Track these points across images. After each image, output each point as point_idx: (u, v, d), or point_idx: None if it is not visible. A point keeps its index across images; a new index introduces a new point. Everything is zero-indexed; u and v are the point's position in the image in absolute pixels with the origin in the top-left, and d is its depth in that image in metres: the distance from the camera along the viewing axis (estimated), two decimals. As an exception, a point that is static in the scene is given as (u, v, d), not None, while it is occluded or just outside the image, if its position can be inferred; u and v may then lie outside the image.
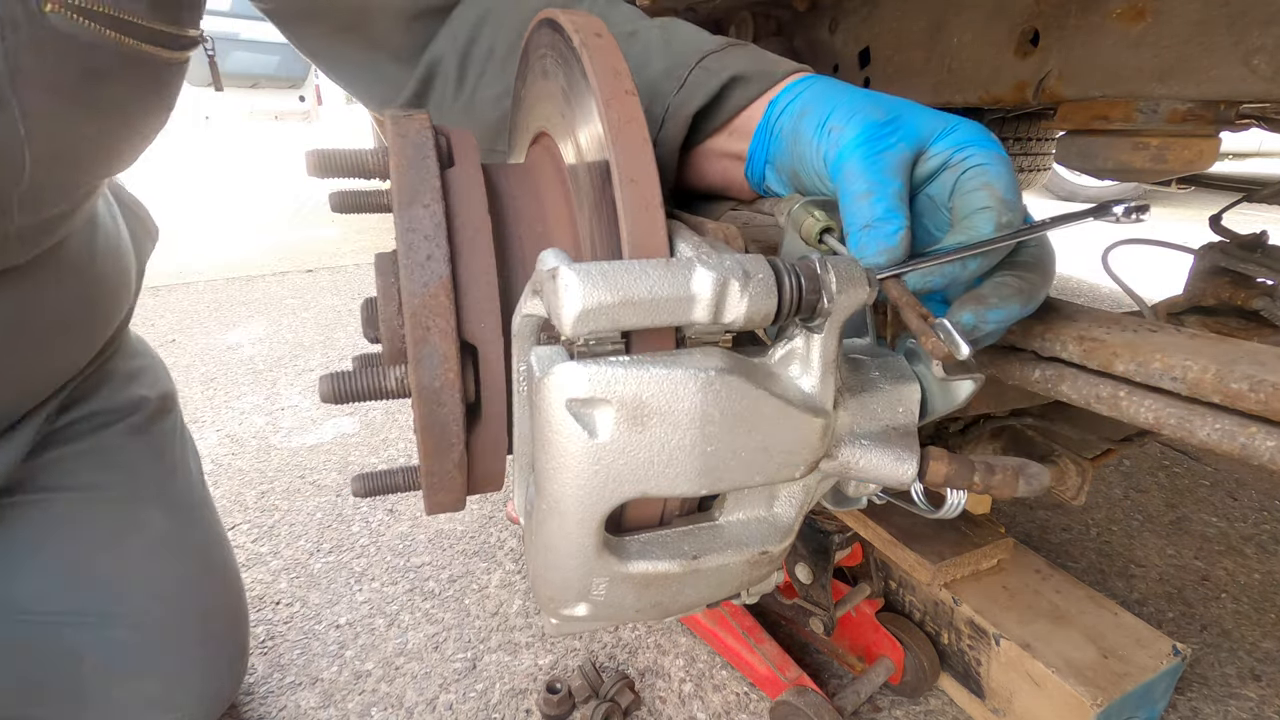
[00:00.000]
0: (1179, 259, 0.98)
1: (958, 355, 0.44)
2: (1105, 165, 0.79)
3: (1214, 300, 0.94)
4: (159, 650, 0.84)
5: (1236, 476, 1.58)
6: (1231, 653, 1.09)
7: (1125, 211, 0.34)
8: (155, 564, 0.85)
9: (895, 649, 0.95)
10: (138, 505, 0.85)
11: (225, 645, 0.91)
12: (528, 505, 0.44)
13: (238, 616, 0.94)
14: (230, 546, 0.97)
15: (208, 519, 0.94)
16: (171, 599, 0.85)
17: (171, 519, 0.88)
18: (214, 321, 2.62)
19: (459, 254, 0.47)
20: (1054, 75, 0.79)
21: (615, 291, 0.36)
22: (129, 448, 0.86)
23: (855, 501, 0.54)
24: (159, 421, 0.91)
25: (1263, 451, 0.44)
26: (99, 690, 0.80)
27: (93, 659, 0.80)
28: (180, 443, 0.94)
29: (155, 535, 0.86)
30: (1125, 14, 0.71)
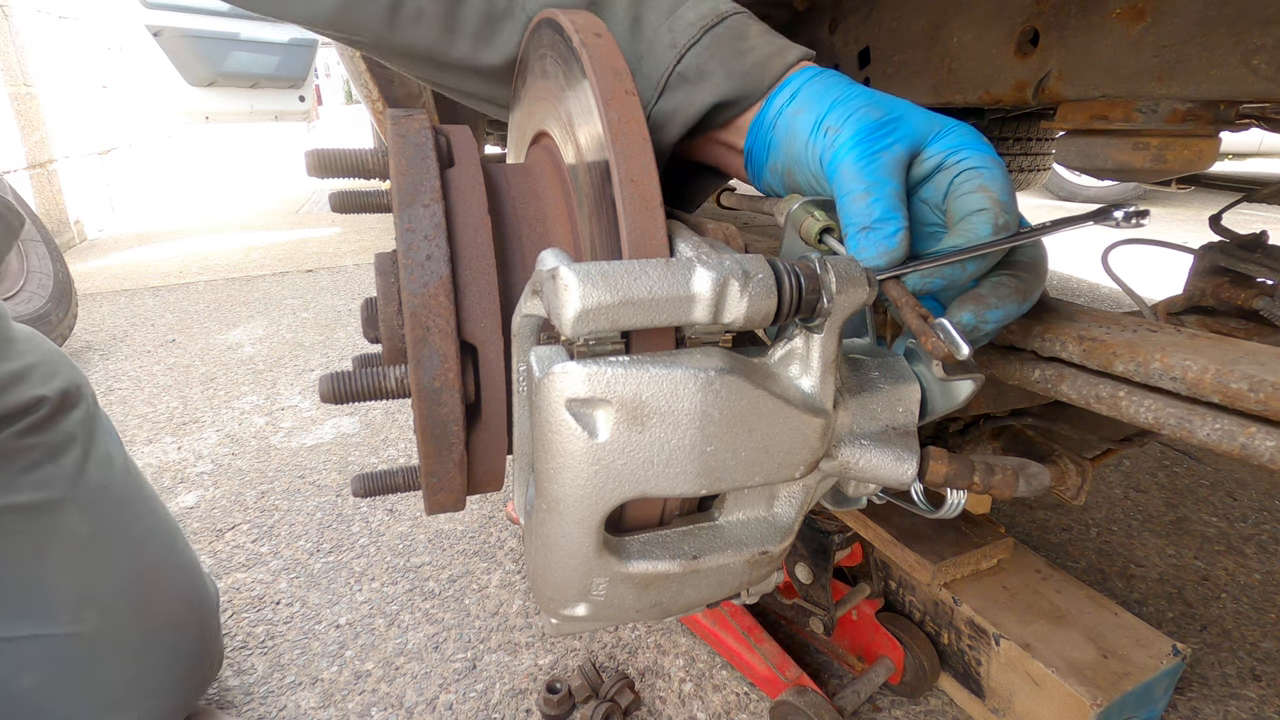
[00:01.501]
0: (1179, 259, 0.98)
1: (958, 355, 0.44)
2: (1105, 165, 0.79)
3: (1214, 300, 0.94)
4: (102, 654, 0.80)
5: (1236, 476, 1.58)
6: (1231, 653, 1.09)
7: (1125, 216, 0.34)
8: (81, 568, 0.80)
9: (895, 649, 0.95)
10: (53, 509, 0.79)
11: (178, 635, 0.87)
12: (528, 505, 0.44)
13: (190, 603, 0.90)
14: (173, 535, 0.92)
15: (140, 512, 0.88)
16: (106, 600, 0.81)
17: (95, 518, 0.82)
18: (214, 321, 2.62)
19: (459, 254, 0.47)
20: (1054, 75, 0.79)
21: (615, 291, 0.36)
22: (31, 450, 0.79)
23: (855, 501, 0.54)
24: (62, 418, 0.83)
25: (1263, 451, 0.44)
26: (47, 704, 0.77)
27: (32, 676, 0.76)
28: (94, 435, 0.87)
29: (78, 538, 0.80)
30: (1125, 14, 0.71)
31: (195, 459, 1.65)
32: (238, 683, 1.04)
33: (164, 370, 2.17)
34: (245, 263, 3.49)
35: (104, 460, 0.86)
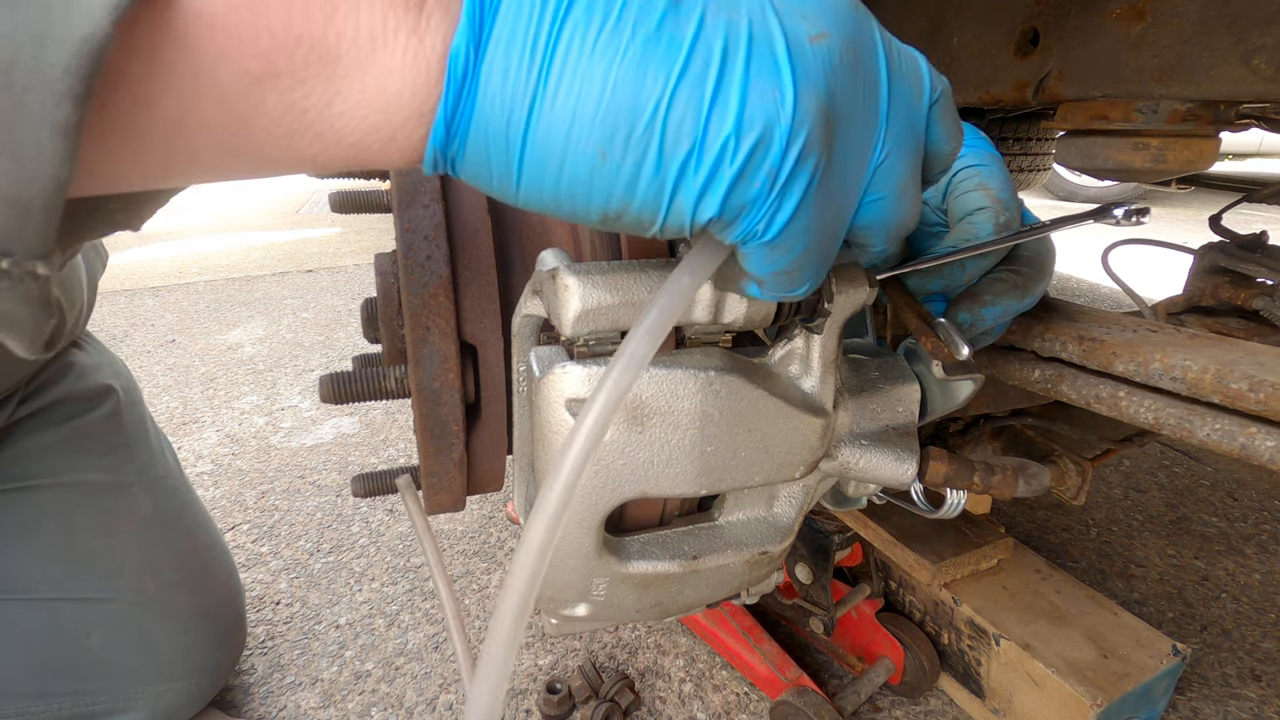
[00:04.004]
0: (1179, 259, 0.98)
1: (957, 355, 0.44)
2: (1105, 165, 0.79)
3: (1214, 300, 0.94)
4: (160, 624, 0.87)
5: (1236, 476, 1.58)
6: (1231, 653, 1.09)
7: (1126, 214, 0.34)
8: (146, 545, 0.88)
9: (895, 649, 0.95)
10: (123, 491, 0.88)
11: (223, 616, 0.95)
12: (528, 505, 0.44)
13: (231, 591, 0.98)
14: (216, 528, 1.01)
15: (192, 503, 0.97)
16: (166, 576, 0.89)
17: (156, 503, 0.91)
18: (214, 321, 2.62)
19: (459, 254, 0.47)
20: (1054, 75, 0.79)
21: (615, 292, 0.36)
22: (105, 436, 0.89)
23: (855, 501, 0.54)
24: (130, 411, 0.93)
25: (1263, 451, 0.44)
26: (107, 664, 0.84)
27: (98, 635, 0.83)
28: (153, 432, 0.97)
29: (143, 517, 0.89)
30: (1125, 14, 0.71)
31: (195, 459, 1.65)
32: (238, 683, 1.04)
33: (164, 370, 2.17)
34: (245, 263, 3.49)
35: (160, 454, 0.96)
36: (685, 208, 0.26)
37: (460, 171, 0.27)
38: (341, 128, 0.24)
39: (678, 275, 0.29)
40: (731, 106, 0.24)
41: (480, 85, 0.24)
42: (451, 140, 0.25)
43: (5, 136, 0.18)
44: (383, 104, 0.24)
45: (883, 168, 0.30)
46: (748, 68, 0.24)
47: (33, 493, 0.82)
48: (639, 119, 0.24)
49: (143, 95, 0.21)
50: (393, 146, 0.25)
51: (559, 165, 0.25)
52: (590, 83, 0.24)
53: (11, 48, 0.18)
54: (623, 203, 0.26)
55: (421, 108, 0.24)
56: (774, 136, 0.25)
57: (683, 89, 0.24)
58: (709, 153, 0.25)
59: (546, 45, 0.23)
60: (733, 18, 0.25)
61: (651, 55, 0.24)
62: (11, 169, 0.19)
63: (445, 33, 0.24)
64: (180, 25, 0.20)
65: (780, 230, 0.27)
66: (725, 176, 0.25)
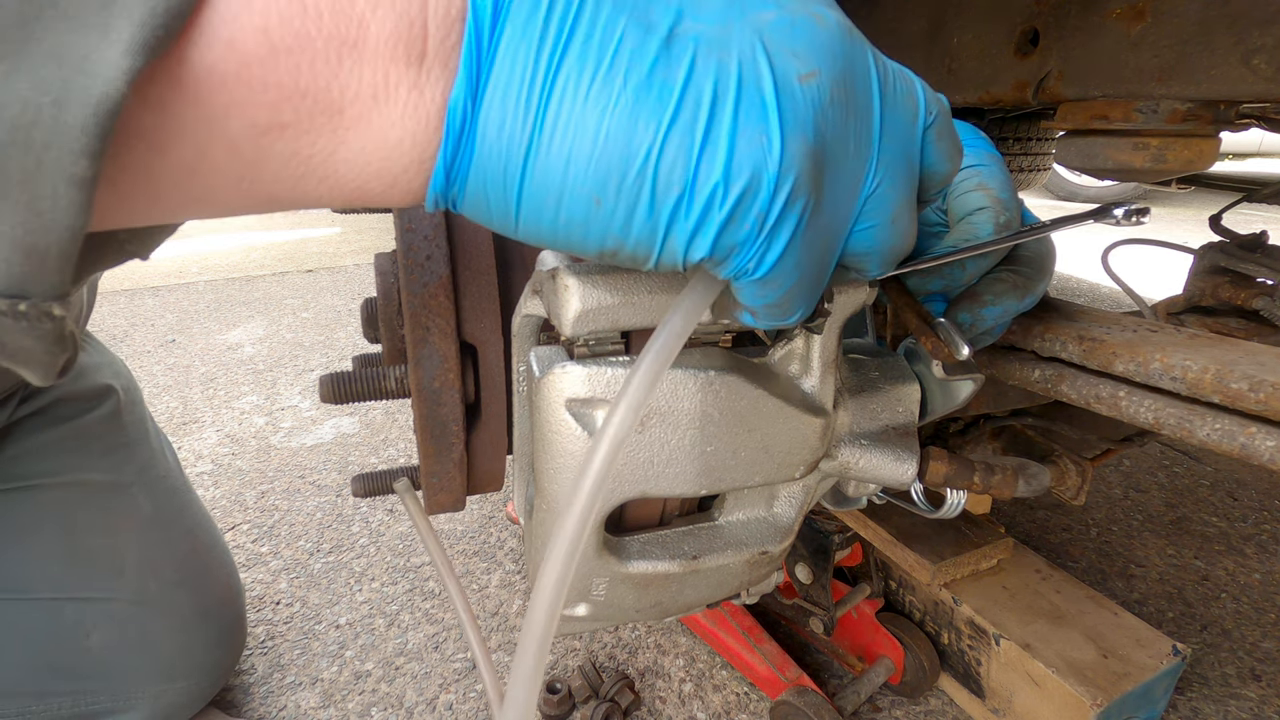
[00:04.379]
0: (1179, 259, 0.98)
1: (957, 355, 0.44)
2: (1105, 165, 0.79)
3: (1214, 300, 0.94)
4: (161, 623, 0.87)
5: (1236, 476, 1.58)
6: (1231, 653, 1.09)
7: (1126, 214, 0.34)
8: (147, 544, 0.88)
9: (895, 649, 0.95)
10: (123, 491, 0.88)
11: (223, 616, 0.95)
12: (528, 505, 0.44)
13: (232, 589, 0.98)
14: (216, 528, 1.01)
15: (192, 503, 0.98)
16: (167, 575, 0.89)
17: (156, 503, 0.91)
18: (214, 321, 2.62)
19: (459, 254, 0.47)
20: (1054, 75, 0.79)
21: (615, 292, 0.36)
22: (106, 436, 0.89)
23: (855, 501, 0.54)
24: (130, 411, 0.94)
25: (1263, 451, 0.44)
26: (107, 663, 0.84)
27: (98, 634, 0.83)
28: (153, 432, 0.97)
29: (144, 517, 0.89)
30: (1125, 14, 0.71)
31: (195, 459, 1.65)
32: (238, 682, 1.04)
33: (164, 370, 2.17)
34: (245, 263, 3.49)
35: (160, 454, 0.96)
36: (678, 248, 0.27)
37: (461, 210, 0.28)
38: (345, 173, 0.25)
39: (672, 316, 0.30)
40: (720, 154, 0.25)
41: (478, 134, 0.25)
42: (451, 185, 0.26)
43: (24, 191, 0.19)
44: (384, 152, 0.25)
45: (874, 197, 0.30)
46: (736, 114, 0.25)
47: (33, 492, 0.83)
48: (631, 166, 0.25)
49: (157, 143, 0.22)
50: (394, 190, 0.26)
51: (555, 209, 0.26)
52: (583, 132, 0.24)
53: (33, 110, 0.19)
54: (618, 243, 0.27)
55: (422, 155, 0.25)
56: (761, 182, 0.26)
57: (673, 137, 0.25)
58: (699, 198, 0.25)
59: (541, 95, 0.24)
60: (723, 59, 0.25)
61: (643, 104, 0.24)
62: (29, 219, 0.20)
63: (445, 85, 0.24)
64: (193, 80, 0.21)
65: (770, 268, 0.28)
66: (715, 221, 0.26)
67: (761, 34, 0.26)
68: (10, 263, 0.20)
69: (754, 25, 0.26)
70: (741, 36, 0.25)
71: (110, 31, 0.19)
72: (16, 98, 0.19)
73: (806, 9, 0.27)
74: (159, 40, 0.20)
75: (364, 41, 0.23)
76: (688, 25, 0.25)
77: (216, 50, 0.21)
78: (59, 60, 0.19)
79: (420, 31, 0.23)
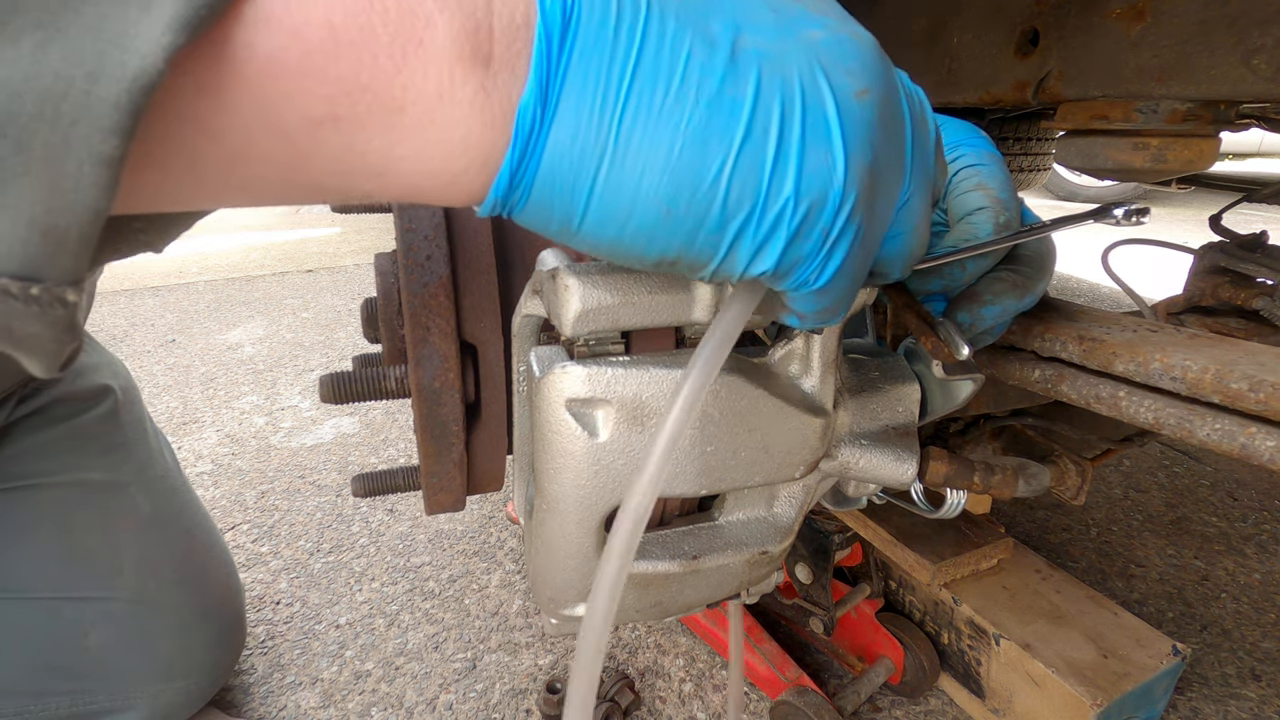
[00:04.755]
0: (1179, 259, 0.98)
1: (957, 355, 0.44)
2: (1105, 165, 0.79)
3: (1214, 300, 0.94)
4: (160, 621, 0.87)
5: (1236, 476, 1.58)
6: (1231, 653, 1.09)
7: (1126, 214, 0.34)
8: (145, 544, 0.88)
9: (895, 649, 0.95)
10: (121, 490, 0.88)
11: (222, 615, 0.95)
12: (528, 505, 0.44)
13: (231, 589, 0.98)
14: (215, 527, 1.01)
15: (191, 503, 0.98)
16: (165, 575, 0.89)
17: (155, 503, 0.91)
18: (214, 321, 2.62)
19: (459, 254, 0.47)
20: (1054, 75, 0.79)
21: (615, 292, 0.36)
22: (103, 435, 0.89)
23: (855, 501, 0.54)
24: (128, 410, 0.94)
25: (1263, 451, 0.44)
26: (106, 663, 0.84)
27: (96, 634, 0.83)
28: (152, 432, 0.97)
29: (142, 517, 0.89)
30: (1125, 14, 0.71)
31: (195, 459, 1.65)
32: (238, 682, 1.04)
33: (164, 370, 2.17)
34: (245, 263, 3.49)
35: (159, 454, 0.96)
36: (739, 261, 0.27)
37: (518, 217, 0.27)
38: (400, 170, 0.25)
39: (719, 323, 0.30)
40: (790, 171, 0.26)
41: (548, 141, 0.25)
42: (514, 190, 0.26)
43: (48, 168, 0.19)
44: (444, 152, 0.25)
45: (905, 207, 0.31)
46: (803, 133, 0.25)
47: (31, 492, 0.83)
48: (704, 179, 0.25)
49: (208, 128, 0.22)
50: (451, 190, 0.26)
51: (624, 219, 0.26)
52: (657, 145, 0.25)
53: (64, 82, 0.18)
54: (679, 252, 0.27)
55: (485, 157, 0.25)
56: (828, 199, 0.26)
57: (745, 154, 0.25)
58: (768, 214, 0.26)
59: (616, 107, 0.24)
60: (786, 77, 0.25)
61: (716, 119, 0.25)
62: (50, 199, 0.19)
63: (512, 89, 0.24)
64: (252, 67, 0.21)
65: (828, 281, 0.29)
66: (782, 237, 0.27)
67: (815, 52, 0.26)
68: (27, 243, 0.19)
69: (806, 43, 0.26)
70: (797, 54, 0.26)
71: (152, 8, 0.18)
72: (49, 69, 0.18)
73: (847, 27, 0.27)
74: (202, 19, 0.19)
75: (431, 40, 0.23)
76: (747, 40, 0.25)
77: (279, 38, 0.21)
78: (96, 33, 0.18)
79: (486, 35, 0.23)
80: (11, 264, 0.19)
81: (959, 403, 0.48)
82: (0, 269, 0.19)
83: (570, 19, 0.24)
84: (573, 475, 0.37)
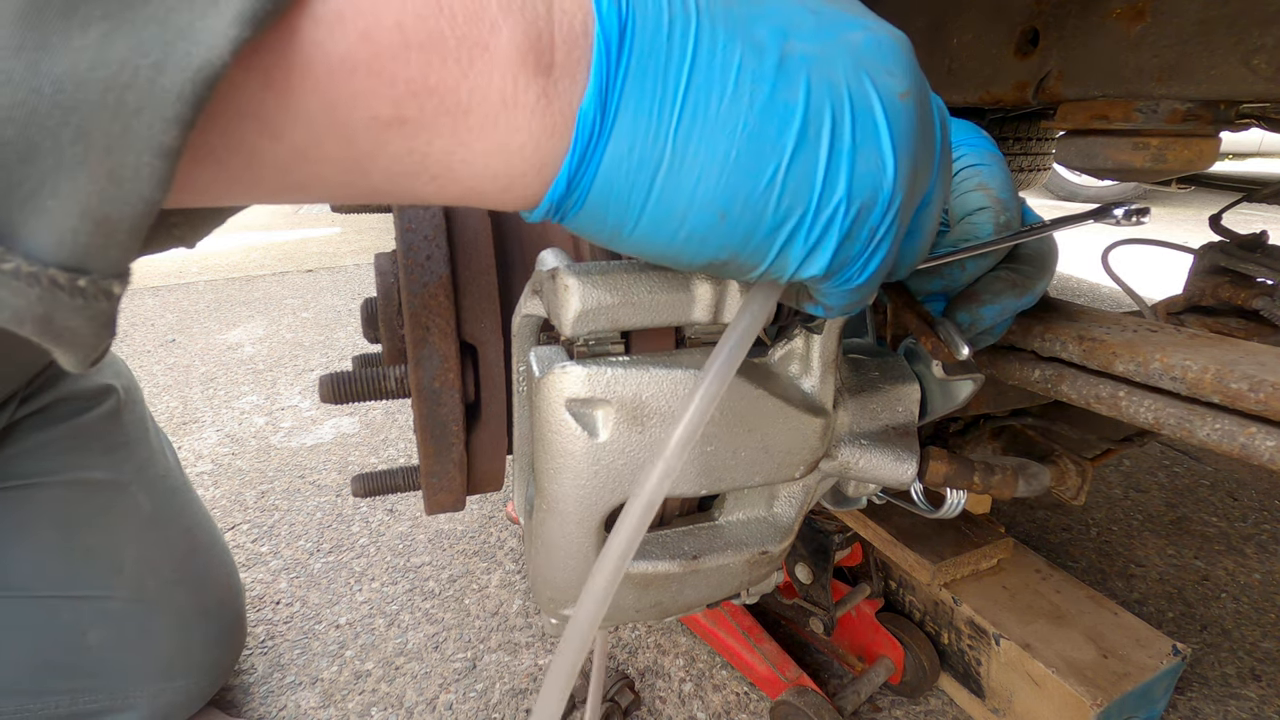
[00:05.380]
0: (1179, 259, 0.98)
1: (957, 355, 0.44)
2: (1105, 165, 0.79)
3: (1214, 300, 0.94)
4: (160, 620, 0.87)
5: (1236, 476, 1.58)
6: (1231, 653, 1.09)
7: (1126, 214, 0.34)
8: (145, 543, 0.88)
9: (895, 649, 0.95)
10: (122, 489, 0.88)
11: (222, 615, 0.95)
12: (528, 505, 0.44)
13: (231, 589, 0.98)
14: (216, 527, 1.01)
15: (192, 502, 0.98)
16: (166, 573, 0.89)
17: (155, 502, 0.91)
18: (214, 321, 2.62)
19: (459, 254, 0.47)
20: (1054, 75, 0.79)
21: (615, 292, 0.36)
22: (105, 435, 0.89)
23: (855, 501, 0.54)
24: (130, 410, 0.94)
25: (1263, 451, 0.44)
26: (106, 662, 0.84)
27: (96, 633, 0.83)
28: (153, 432, 0.97)
29: (142, 516, 0.89)
30: (1125, 14, 0.71)
31: (195, 459, 1.65)
32: (238, 682, 1.04)
33: (164, 370, 2.17)
34: (245, 262, 3.49)
35: (160, 453, 0.96)
36: (790, 263, 0.28)
37: (569, 223, 0.28)
38: (460, 173, 0.25)
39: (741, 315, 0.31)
40: (842, 174, 0.26)
41: (606, 149, 0.25)
42: (570, 194, 0.26)
43: (107, 157, 0.19)
44: (505, 156, 0.25)
45: (926, 209, 0.32)
46: (854, 135, 0.26)
47: (31, 490, 0.83)
48: (758, 184, 0.26)
49: (271, 126, 0.22)
50: (508, 195, 0.27)
51: (679, 223, 0.26)
52: (713, 151, 0.25)
53: (129, 72, 0.18)
54: (731, 255, 0.28)
55: (543, 162, 0.25)
56: (878, 201, 0.27)
57: (799, 158, 0.26)
58: (821, 217, 0.27)
59: (672, 115, 0.25)
60: (833, 80, 0.26)
61: (768, 125, 0.25)
62: (107, 188, 0.19)
63: (572, 96, 0.25)
64: (321, 68, 0.21)
65: (868, 278, 0.30)
66: (833, 239, 0.27)
67: (858, 55, 0.27)
68: (78, 233, 0.19)
69: (849, 46, 0.27)
70: (842, 57, 0.26)
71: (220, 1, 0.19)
72: (115, 58, 0.18)
73: (884, 28, 0.28)
74: (268, 14, 0.19)
75: (496, 46, 0.23)
76: (794, 46, 0.26)
77: (349, 39, 0.21)
78: (163, 24, 0.18)
79: (548, 43, 0.24)
80: (61, 254, 0.19)
81: (959, 403, 0.48)
82: (49, 259, 0.19)
83: (626, 28, 0.24)
84: (573, 475, 0.37)
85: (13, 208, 0.18)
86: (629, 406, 0.36)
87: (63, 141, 0.18)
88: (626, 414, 0.37)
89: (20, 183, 0.18)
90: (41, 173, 0.18)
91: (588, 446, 0.37)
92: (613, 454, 0.37)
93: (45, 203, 0.19)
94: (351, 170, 0.24)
